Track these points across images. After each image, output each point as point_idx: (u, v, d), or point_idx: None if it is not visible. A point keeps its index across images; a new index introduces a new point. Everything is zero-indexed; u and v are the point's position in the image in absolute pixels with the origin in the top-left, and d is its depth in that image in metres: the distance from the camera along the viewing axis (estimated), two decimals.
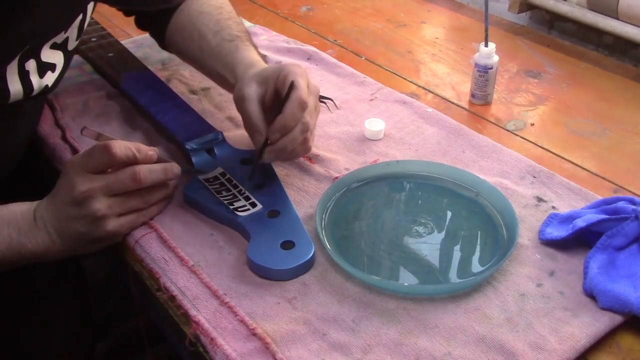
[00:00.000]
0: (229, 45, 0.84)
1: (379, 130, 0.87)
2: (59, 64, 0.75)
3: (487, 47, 0.92)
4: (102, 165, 0.67)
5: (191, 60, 0.93)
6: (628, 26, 1.04)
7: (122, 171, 0.68)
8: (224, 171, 0.78)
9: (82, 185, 0.66)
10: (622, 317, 0.62)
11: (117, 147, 0.67)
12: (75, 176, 0.66)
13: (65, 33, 0.73)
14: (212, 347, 0.60)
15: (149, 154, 0.70)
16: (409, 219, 0.74)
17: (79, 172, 0.67)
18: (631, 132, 0.91)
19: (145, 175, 0.68)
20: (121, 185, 0.68)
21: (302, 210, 0.75)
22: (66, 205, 0.67)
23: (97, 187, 0.66)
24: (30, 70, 0.71)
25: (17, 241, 0.67)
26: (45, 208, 0.68)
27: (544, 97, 0.99)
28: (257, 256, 0.67)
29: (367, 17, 1.24)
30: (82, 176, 0.66)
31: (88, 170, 0.67)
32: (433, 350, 0.59)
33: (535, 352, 0.59)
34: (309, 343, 0.60)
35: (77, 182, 0.66)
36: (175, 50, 0.95)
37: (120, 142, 0.68)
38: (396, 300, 0.64)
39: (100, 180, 0.67)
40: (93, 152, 0.67)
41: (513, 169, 0.81)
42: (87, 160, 0.67)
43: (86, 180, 0.66)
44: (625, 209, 0.68)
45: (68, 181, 0.67)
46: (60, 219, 0.68)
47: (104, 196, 0.67)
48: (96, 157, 0.67)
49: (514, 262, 0.68)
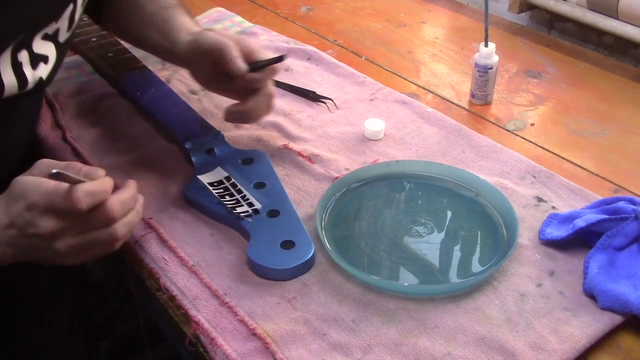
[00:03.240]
0: (165, 12, 0.85)
1: (379, 130, 0.87)
2: (51, 56, 0.75)
3: (487, 47, 0.92)
4: (64, 213, 0.60)
5: (128, 33, 0.93)
6: (628, 26, 1.04)
7: (92, 216, 0.61)
8: (229, 175, 0.78)
9: (45, 228, 0.60)
10: (622, 317, 0.62)
11: (83, 199, 0.59)
12: (39, 216, 0.60)
13: (57, 23, 0.73)
14: (212, 347, 0.60)
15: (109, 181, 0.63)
16: (409, 219, 0.74)
17: (42, 212, 0.60)
18: (631, 132, 0.91)
19: (119, 213, 0.62)
20: (89, 226, 0.62)
21: (302, 210, 0.75)
22: (24, 237, 0.61)
23: (61, 228, 0.60)
24: (23, 62, 0.70)
25: None
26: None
27: (544, 97, 0.99)
28: (257, 256, 0.67)
29: (367, 17, 1.24)
30: (46, 217, 0.60)
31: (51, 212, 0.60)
32: (433, 350, 0.59)
33: (535, 352, 0.59)
34: (309, 343, 0.60)
35: (40, 223, 0.59)
36: (112, 24, 0.95)
37: (85, 189, 0.60)
38: (396, 300, 0.64)
39: (64, 222, 0.60)
40: (57, 202, 0.60)
41: (513, 169, 0.81)
42: (51, 205, 0.60)
43: (49, 222, 0.60)
44: (625, 209, 0.68)
45: (29, 216, 0.60)
46: (14, 245, 0.61)
47: (68, 236, 0.61)
48: (59, 207, 0.60)
49: (514, 262, 0.68)
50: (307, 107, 0.94)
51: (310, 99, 0.96)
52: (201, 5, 1.26)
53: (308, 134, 0.88)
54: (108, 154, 0.85)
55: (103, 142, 0.87)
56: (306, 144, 0.86)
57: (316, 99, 0.95)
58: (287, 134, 0.88)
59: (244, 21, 1.19)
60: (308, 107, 0.94)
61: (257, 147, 0.85)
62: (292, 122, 0.91)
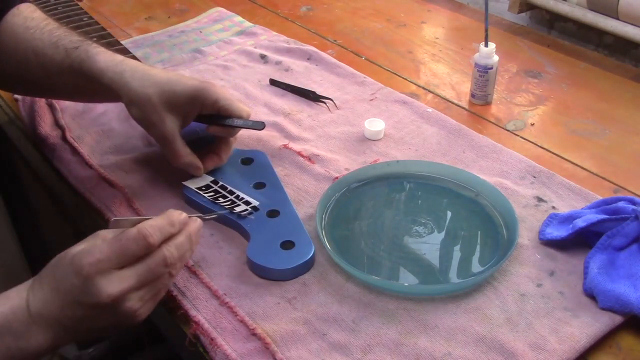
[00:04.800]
0: (77, 52, 0.75)
1: (379, 130, 0.87)
2: None
3: (487, 47, 0.92)
4: (135, 258, 0.57)
5: (33, 84, 0.81)
6: (628, 26, 1.04)
7: (151, 260, 0.58)
8: (215, 179, 0.77)
9: (112, 289, 0.55)
10: (622, 317, 0.62)
11: (153, 234, 0.57)
12: (102, 279, 0.55)
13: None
14: (212, 347, 0.60)
15: (181, 220, 0.61)
16: (409, 219, 0.74)
17: (106, 272, 0.55)
18: (631, 132, 0.91)
19: (175, 256, 0.59)
20: (153, 275, 0.58)
21: (302, 210, 0.75)
22: (86, 307, 0.56)
23: (129, 287, 0.56)
24: None
25: (15, 348, 0.56)
26: (44, 303, 0.57)
27: (544, 97, 0.99)
28: (257, 256, 0.67)
29: (367, 17, 1.24)
30: (109, 277, 0.55)
31: (117, 267, 0.56)
32: (433, 351, 0.59)
33: (535, 352, 0.59)
34: (309, 343, 0.60)
35: (105, 287, 0.55)
36: (9, 80, 0.82)
37: (153, 225, 0.58)
38: (396, 300, 0.64)
39: (130, 276, 0.56)
40: (126, 245, 0.56)
41: (513, 169, 0.81)
42: (119, 257, 0.56)
43: (115, 281, 0.55)
44: (625, 209, 0.68)
45: (91, 285, 0.55)
46: (74, 319, 0.57)
47: (135, 291, 0.57)
48: (130, 251, 0.56)
49: (514, 262, 0.68)
50: (307, 107, 0.94)
51: (310, 99, 0.96)
52: (201, 5, 1.26)
53: (308, 134, 0.88)
54: (108, 154, 0.85)
55: (103, 142, 0.87)
56: (306, 144, 0.86)
57: (316, 99, 0.95)
58: (287, 134, 0.88)
59: (244, 21, 1.19)
60: (308, 107, 0.94)
61: (257, 147, 0.85)
62: (292, 122, 0.91)
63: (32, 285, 0.58)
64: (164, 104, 0.73)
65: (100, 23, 1.06)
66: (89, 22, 1.03)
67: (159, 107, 0.73)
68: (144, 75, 0.73)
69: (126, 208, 0.76)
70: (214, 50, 1.09)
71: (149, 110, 0.73)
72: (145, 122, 0.74)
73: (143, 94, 0.72)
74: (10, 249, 1.35)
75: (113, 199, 0.77)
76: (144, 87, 0.73)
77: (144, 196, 0.77)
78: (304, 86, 0.98)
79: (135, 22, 1.21)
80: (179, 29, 1.17)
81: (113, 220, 0.60)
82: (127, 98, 0.73)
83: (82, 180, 0.81)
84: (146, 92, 0.72)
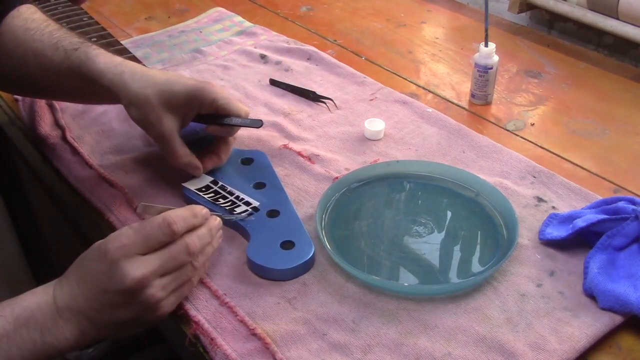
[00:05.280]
0: (77, 54, 0.75)
1: (379, 130, 0.87)
2: None
3: (487, 47, 0.92)
4: (160, 245, 0.60)
5: (32, 85, 0.81)
6: (628, 26, 1.04)
7: (174, 246, 0.60)
8: (215, 179, 0.77)
9: (136, 273, 0.57)
10: (622, 317, 0.62)
11: (177, 222, 0.60)
12: (126, 263, 0.57)
13: None
14: (212, 347, 0.60)
15: (203, 213, 0.64)
16: (409, 219, 0.74)
17: (130, 256, 0.58)
18: (631, 132, 0.91)
19: (197, 246, 0.62)
20: (176, 262, 0.60)
21: (302, 210, 0.75)
22: (110, 293, 0.58)
23: (152, 271, 0.58)
24: None
25: (41, 343, 0.57)
26: (71, 296, 0.59)
27: (544, 97, 0.99)
28: (257, 256, 0.67)
29: (367, 17, 1.24)
30: (133, 261, 0.58)
31: (141, 252, 0.59)
32: (433, 351, 0.59)
33: (535, 353, 0.59)
34: (309, 343, 0.60)
35: (129, 270, 0.57)
36: (9, 81, 0.82)
37: (178, 214, 0.61)
38: (396, 300, 0.64)
39: (153, 261, 0.59)
40: (151, 232, 0.59)
41: (513, 169, 0.81)
42: (143, 242, 0.59)
43: (139, 265, 0.58)
44: (625, 209, 0.68)
45: (115, 269, 0.57)
46: (99, 309, 0.58)
47: (158, 278, 0.59)
48: (155, 237, 0.59)
49: (514, 262, 0.68)
50: (307, 107, 0.94)
51: (310, 99, 0.96)
52: (201, 5, 1.26)
53: (308, 134, 0.88)
54: (108, 154, 0.85)
55: (103, 142, 0.87)
56: (306, 144, 0.86)
57: (316, 99, 0.95)
58: (287, 134, 0.88)
59: (244, 21, 1.19)
60: (308, 107, 0.94)
61: (257, 147, 0.85)
62: (292, 122, 0.91)
63: (59, 281, 0.60)
64: (163, 104, 0.73)
65: (100, 23, 1.06)
66: (89, 22, 1.03)
67: (157, 107, 0.73)
68: (143, 77, 0.74)
69: (126, 208, 0.76)
70: (214, 50, 1.09)
71: (147, 111, 0.73)
72: (144, 123, 0.74)
73: (142, 94, 0.73)
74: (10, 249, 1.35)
75: (113, 199, 0.77)
76: (143, 88, 0.73)
77: (144, 196, 0.77)
78: (304, 86, 0.98)
79: (135, 22, 1.21)
80: (179, 29, 1.17)
81: (140, 205, 0.64)
82: (126, 99, 0.73)
83: (82, 180, 0.81)
84: (145, 92, 0.73)
